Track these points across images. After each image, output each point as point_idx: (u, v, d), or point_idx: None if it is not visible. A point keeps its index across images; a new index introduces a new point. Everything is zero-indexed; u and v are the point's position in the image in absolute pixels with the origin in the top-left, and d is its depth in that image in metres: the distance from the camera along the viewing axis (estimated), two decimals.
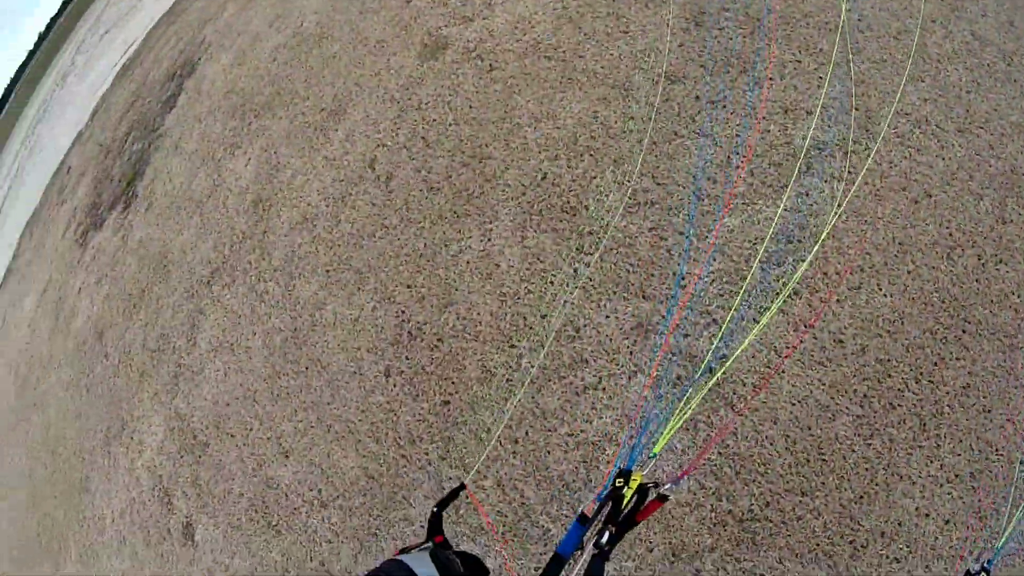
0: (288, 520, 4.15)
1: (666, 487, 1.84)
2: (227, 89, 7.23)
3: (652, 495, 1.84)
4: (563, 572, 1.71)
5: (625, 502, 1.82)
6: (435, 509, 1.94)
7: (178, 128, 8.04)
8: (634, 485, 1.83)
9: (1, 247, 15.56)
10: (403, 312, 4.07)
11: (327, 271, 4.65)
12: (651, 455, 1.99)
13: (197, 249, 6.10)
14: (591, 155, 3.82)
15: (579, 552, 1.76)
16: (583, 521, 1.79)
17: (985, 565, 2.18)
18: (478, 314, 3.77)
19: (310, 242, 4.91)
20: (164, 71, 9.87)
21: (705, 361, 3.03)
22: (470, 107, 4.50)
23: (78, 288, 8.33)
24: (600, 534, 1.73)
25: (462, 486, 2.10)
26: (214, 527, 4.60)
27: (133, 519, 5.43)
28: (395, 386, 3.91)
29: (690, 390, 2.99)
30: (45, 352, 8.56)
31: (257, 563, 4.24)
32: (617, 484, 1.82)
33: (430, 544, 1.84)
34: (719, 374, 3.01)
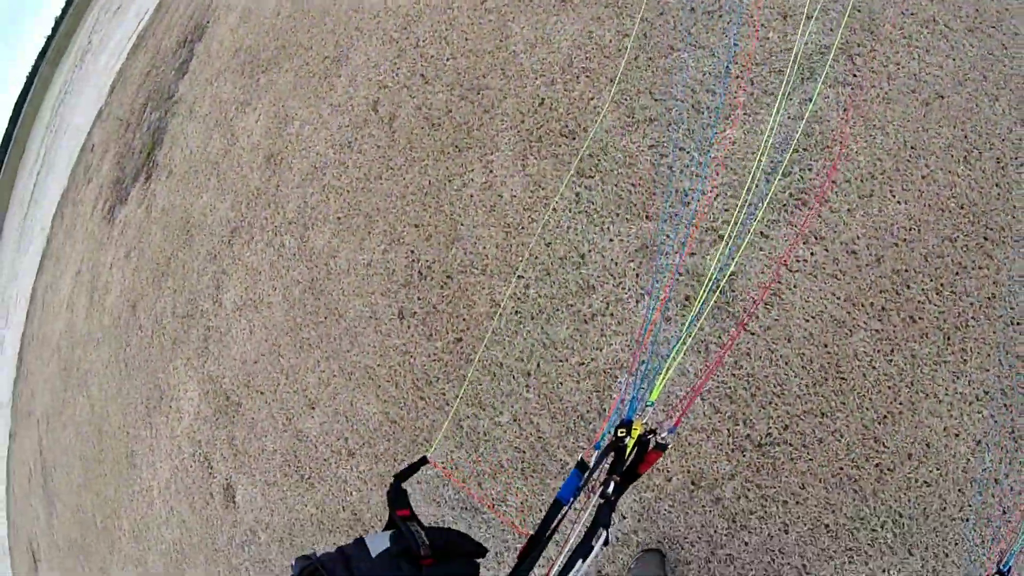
0: (319, 472, 4.55)
1: (663, 435, 1.87)
2: (235, 48, 7.69)
3: (652, 444, 1.89)
4: (570, 525, 1.78)
5: (628, 452, 1.85)
6: (393, 481, 1.95)
7: (191, 93, 8.60)
8: (635, 435, 1.88)
9: (36, 232, 16.62)
10: (412, 252, 4.42)
11: (338, 218, 5.06)
12: (648, 403, 2.00)
13: (216, 210, 6.64)
14: (587, 76, 4.02)
15: (582, 498, 1.84)
16: (582, 468, 1.84)
17: (1001, 568, 2.16)
18: (484, 248, 4.07)
19: (320, 191, 5.32)
20: (176, 38, 10.43)
21: (710, 274, 3.18)
22: (466, 39, 4.77)
23: (109, 264, 9.05)
24: (606, 484, 1.79)
25: (424, 459, 2.10)
26: (252, 486, 5.08)
27: (178, 487, 6.01)
28: (409, 328, 4.25)
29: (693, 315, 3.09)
30: (84, 331, 9.33)
31: (294, 518, 4.66)
32: (619, 435, 1.86)
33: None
34: (706, 287, 3.14)
